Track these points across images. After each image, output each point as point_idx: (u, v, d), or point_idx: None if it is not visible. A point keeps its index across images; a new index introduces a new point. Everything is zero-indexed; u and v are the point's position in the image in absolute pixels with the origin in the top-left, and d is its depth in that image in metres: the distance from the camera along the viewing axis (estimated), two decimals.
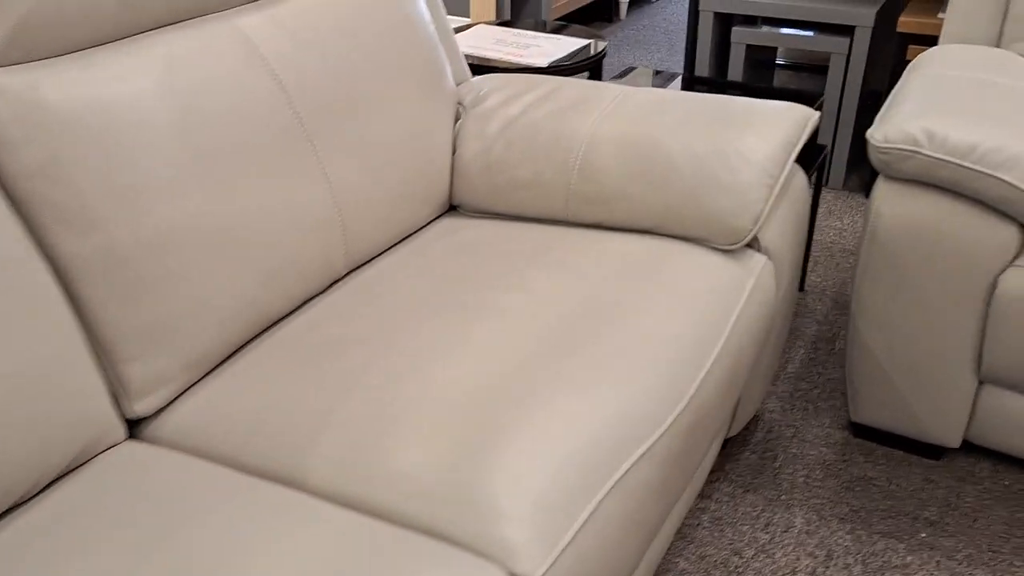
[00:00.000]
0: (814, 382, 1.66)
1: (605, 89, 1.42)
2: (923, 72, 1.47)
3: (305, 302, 1.17)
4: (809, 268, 2.04)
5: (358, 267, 1.25)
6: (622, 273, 1.17)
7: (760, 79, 2.72)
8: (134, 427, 1.01)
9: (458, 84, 1.53)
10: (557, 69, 1.73)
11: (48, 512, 0.85)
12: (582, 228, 1.31)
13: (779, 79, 3.24)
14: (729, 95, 1.37)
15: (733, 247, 1.22)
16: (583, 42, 1.88)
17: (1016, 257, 1.24)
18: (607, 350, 1.02)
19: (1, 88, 0.87)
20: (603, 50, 1.84)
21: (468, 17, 2.31)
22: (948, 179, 1.22)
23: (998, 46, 1.66)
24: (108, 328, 0.94)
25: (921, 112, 1.28)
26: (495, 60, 1.76)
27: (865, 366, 1.41)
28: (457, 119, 1.44)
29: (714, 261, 1.21)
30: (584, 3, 3.76)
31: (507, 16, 3.03)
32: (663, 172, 1.24)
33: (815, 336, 1.80)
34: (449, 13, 2.95)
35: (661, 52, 3.76)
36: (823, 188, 2.45)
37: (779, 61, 3.33)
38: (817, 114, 1.33)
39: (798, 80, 3.25)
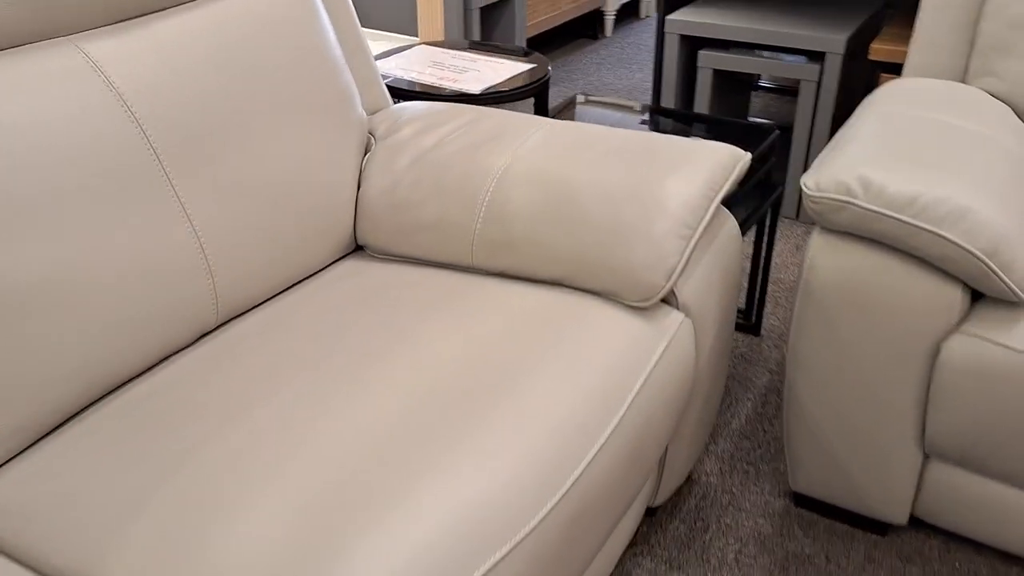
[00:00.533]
0: (758, 440, 1.53)
1: (528, 122, 1.31)
2: (875, 109, 1.35)
3: (167, 357, 1.06)
4: (767, 310, 1.91)
5: (238, 316, 1.14)
6: (519, 332, 1.05)
7: (734, 103, 2.60)
8: None
9: (373, 112, 1.43)
10: (492, 97, 1.62)
11: None
12: (487, 276, 1.19)
13: (758, 103, 3.12)
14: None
15: (645, 304, 1.10)
16: (526, 66, 1.76)
17: (961, 321, 1.12)
18: (484, 424, 0.90)
19: None
20: (546, 76, 1.72)
21: (416, 36, 2.20)
22: (885, 233, 1.10)
23: (963, 81, 1.54)
24: None
25: (861, 157, 1.16)
26: (427, 85, 1.65)
27: (803, 431, 1.29)
28: (368, 151, 1.33)
29: (623, 320, 1.09)
30: (563, 20, 3.66)
31: (476, 35, 2.92)
32: (575, 217, 1.13)
33: (766, 387, 1.67)
34: (393, 31, 2.85)
35: (644, 71, 3.64)
36: (792, 220, 2.33)
37: (761, 82, 3.21)
38: (747, 156, 1.21)
39: (779, 103, 3.13)
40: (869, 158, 1.15)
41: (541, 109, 1.81)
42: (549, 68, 1.75)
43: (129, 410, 0.95)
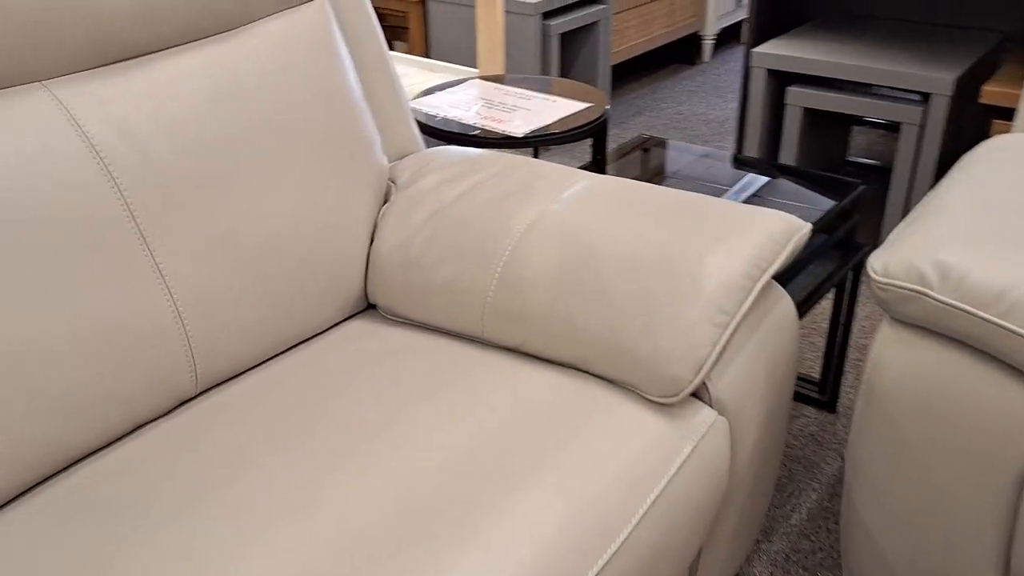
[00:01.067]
0: (820, 541, 1.34)
1: (565, 175, 1.18)
2: (970, 171, 1.16)
3: (139, 427, 0.97)
4: (846, 382, 1.71)
5: (224, 381, 1.05)
6: (521, 425, 0.91)
7: (829, 142, 2.38)
8: None
9: (400, 157, 1.32)
10: (539, 140, 1.49)
11: None
12: (499, 351, 1.06)
13: (862, 139, 2.88)
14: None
15: (670, 400, 0.94)
16: (582, 105, 1.62)
17: None
18: (467, 537, 0.77)
19: None
20: (601, 117, 1.58)
21: (475, 68, 2.09)
22: (965, 332, 0.92)
23: None
24: None
25: (943, 235, 0.97)
26: (469, 126, 1.54)
27: (861, 546, 1.10)
28: (387, 200, 1.23)
29: (643, 417, 0.94)
30: (656, 45, 3.49)
31: (554, 63, 2.79)
32: (596, 292, 0.99)
33: (836, 475, 1.47)
34: (457, 62, 2.74)
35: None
36: None
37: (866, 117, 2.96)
38: (805, 228, 1.04)
39: (887, 141, 2.88)
40: (952, 237, 0.97)
41: (599, 151, 1.67)
42: (607, 108, 1.61)
43: (79, 491, 0.86)
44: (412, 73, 2.01)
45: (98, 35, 0.95)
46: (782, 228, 1.03)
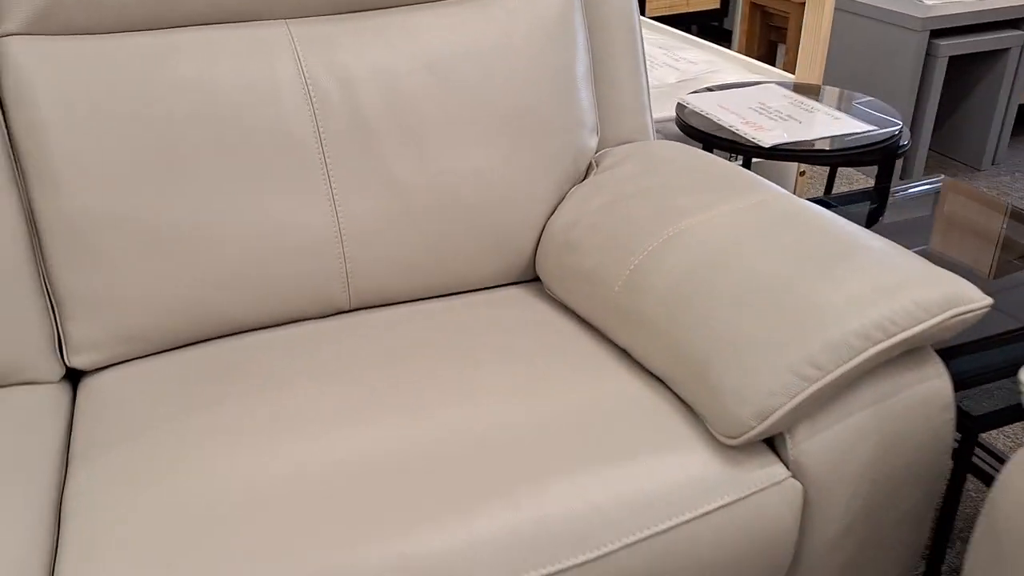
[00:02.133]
0: None
1: (745, 187, 1.11)
2: None
3: (295, 321, 1.15)
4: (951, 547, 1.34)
5: (378, 306, 1.18)
6: (585, 417, 0.91)
7: None
8: (79, 375, 1.11)
9: (624, 143, 1.33)
10: (784, 154, 1.37)
11: None
12: (610, 347, 1.05)
13: None
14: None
15: (730, 441, 0.87)
16: (866, 127, 1.46)
17: None
18: (502, 483, 0.82)
19: (18, 51, 1.01)
20: (868, 144, 1.40)
21: (792, 73, 1.94)
22: None
23: None
24: (58, 283, 1.04)
25: None
26: (727, 128, 1.47)
27: None
28: (581, 181, 1.26)
29: (700, 450, 0.88)
30: None
31: (935, 88, 2.48)
32: (702, 313, 0.93)
33: None
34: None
35: None
36: None
37: None
38: (974, 304, 0.87)
39: None
40: None
41: (881, 180, 1.49)
42: (897, 132, 1.42)
43: (235, 352, 1.06)
44: (727, 69, 1.95)
45: None
46: (940, 295, 0.87)
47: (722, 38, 4.12)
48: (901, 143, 1.45)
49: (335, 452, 0.86)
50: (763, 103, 1.55)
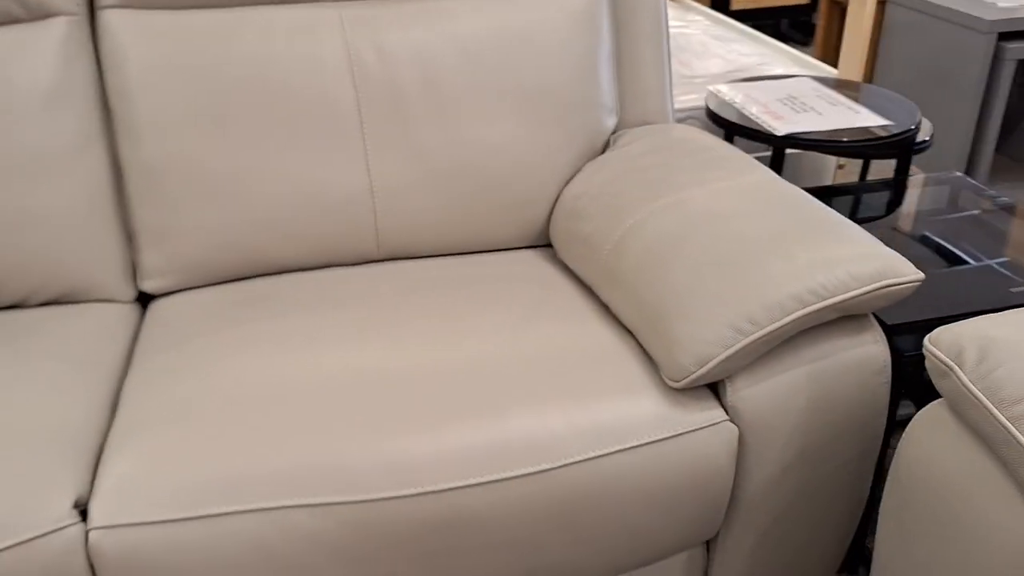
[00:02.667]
0: None
1: (741, 166, 1.22)
2: None
3: (330, 266, 1.32)
4: None
5: (405, 258, 1.34)
6: (554, 358, 1.05)
7: None
8: (149, 298, 1.31)
9: (642, 124, 1.45)
10: (793, 142, 1.45)
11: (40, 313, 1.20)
12: (595, 305, 1.18)
13: None
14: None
15: (673, 384, 0.99)
16: (880, 121, 1.52)
17: None
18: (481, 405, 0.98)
19: (115, 23, 1.21)
20: (880, 138, 1.47)
21: (836, 69, 1.98)
22: (978, 427, 0.80)
23: None
24: (134, 220, 1.25)
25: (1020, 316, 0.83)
26: (747, 117, 1.56)
27: None
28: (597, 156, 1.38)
29: (649, 390, 1.00)
30: None
31: (1002, 93, 2.47)
32: (665, 272, 1.05)
33: None
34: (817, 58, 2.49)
35: None
36: None
37: None
38: (907, 278, 0.96)
39: None
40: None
41: (900, 172, 1.56)
42: (913, 129, 1.49)
43: (271, 287, 1.24)
44: (777, 62, 2.02)
45: None
46: (874, 268, 0.96)
47: (811, 33, 4.11)
48: (918, 140, 1.52)
49: (339, 365, 1.03)
50: (792, 95, 1.63)
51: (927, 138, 1.57)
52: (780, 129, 1.48)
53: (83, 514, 0.89)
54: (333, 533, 0.91)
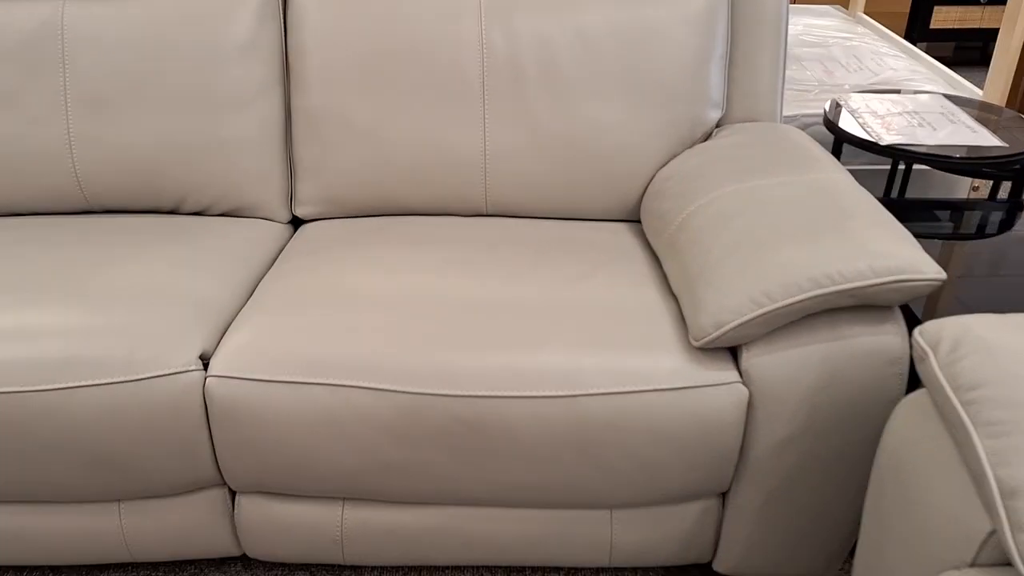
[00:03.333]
0: None
1: (805, 164, 1.31)
2: None
3: (446, 214, 1.53)
4: None
5: (512, 216, 1.53)
6: (601, 310, 1.21)
7: None
8: (300, 222, 1.58)
9: (749, 120, 1.55)
10: (896, 151, 1.48)
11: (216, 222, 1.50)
12: (658, 271, 1.32)
13: None
14: None
15: (694, 342, 1.12)
16: (994, 143, 1.52)
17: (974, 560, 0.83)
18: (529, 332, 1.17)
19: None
20: (1007, 157, 1.47)
21: (980, 90, 1.90)
22: (942, 411, 0.87)
23: None
24: (296, 157, 1.52)
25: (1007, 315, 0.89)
26: (860, 126, 1.60)
27: None
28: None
29: (674, 344, 1.14)
30: None
31: None
32: (708, 247, 1.18)
33: None
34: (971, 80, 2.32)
35: None
36: None
37: None
38: (926, 276, 1.02)
39: None
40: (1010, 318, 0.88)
41: (1015, 193, 1.55)
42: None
43: (393, 229, 1.48)
44: (925, 79, 2.00)
45: None
46: (894, 264, 1.04)
47: None
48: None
49: (424, 288, 1.24)
50: (916, 110, 1.66)
51: None
52: (885, 139, 1.53)
53: (205, 365, 1.15)
54: (387, 415, 1.12)
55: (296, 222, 1.59)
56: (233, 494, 1.26)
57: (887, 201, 1.61)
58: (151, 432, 1.15)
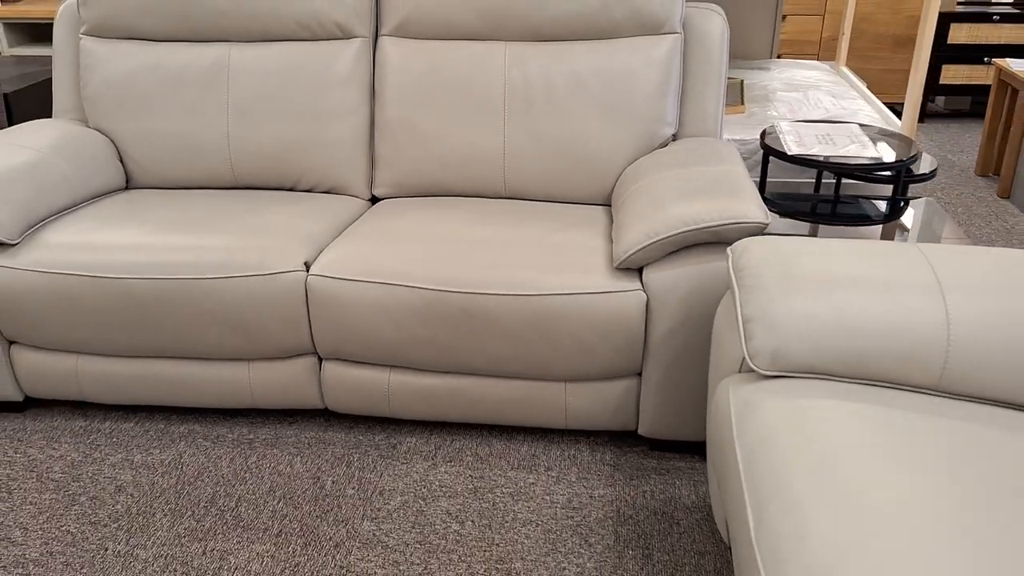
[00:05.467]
0: None
1: (720, 162, 1.91)
2: None
3: (477, 196, 2.19)
4: None
5: (522, 198, 2.18)
6: (549, 248, 1.84)
7: None
8: (375, 200, 2.27)
9: (696, 136, 2.16)
10: (798, 159, 2.05)
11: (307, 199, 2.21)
12: (607, 222, 1.93)
13: None
14: None
15: (615, 264, 1.73)
16: (878, 155, 2.08)
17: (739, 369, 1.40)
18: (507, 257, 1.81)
19: (388, 45, 2.19)
20: (884, 166, 2.02)
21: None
22: (731, 289, 1.46)
23: None
24: (376, 151, 2.22)
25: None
26: (779, 140, 2.20)
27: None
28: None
29: (605, 267, 1.75)
30: None
31: None
32: (632, 208, 1.79)
33: None
34: None
35: None
36: None
37: None
38: (754, 220, 1.61)
39: None
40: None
41: (895, 192, 2.09)
42: (905, 160, 2.01)
43: (438, 206, 2.15)
44: (864, 115, 2.54)
45: (535, 26, 2.14)
46: (732, 212, 1.63)
47: None
48: (907, 172, 2.05)
49: (456, 232, 1.90)
50: (829, 134, 2.23)
51: (927, 171, 2.09)
52: (792, 150, 2.11)
53: (307, 269, 1.83)
54: (416, 305, 1.77)
55: (373, 200, 2.28)
56: (320, 361, 1.92)
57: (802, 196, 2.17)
58: (272, 310, 1.83)
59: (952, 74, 4.13)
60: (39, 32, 4.30)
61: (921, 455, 1.15)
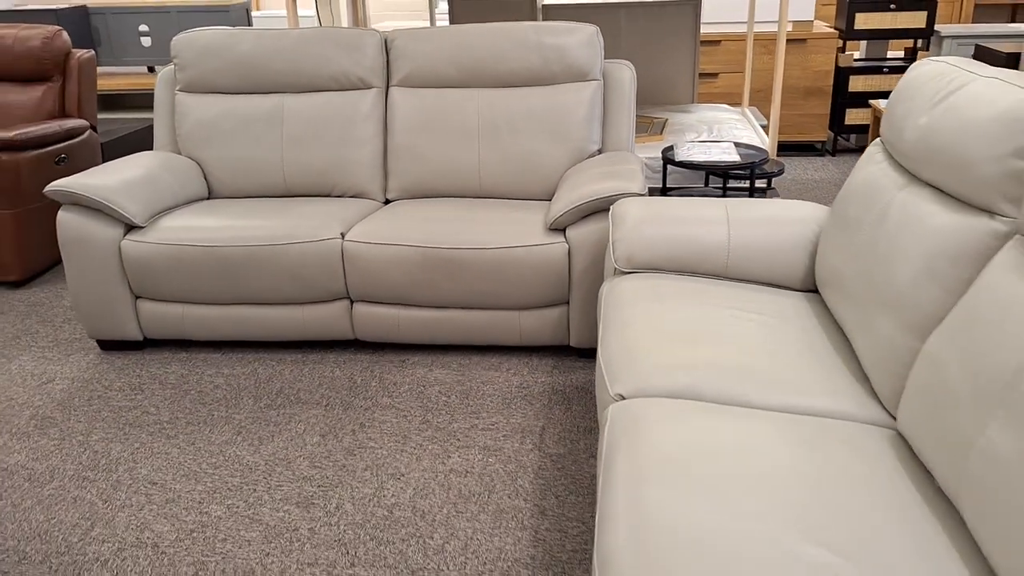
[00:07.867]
0: None
1: (620, 164, 2.80)
2: None
3: (461, 196, 3.08)
4: None
5: (493, 197, 3.07)
6: (505, 223, 2.72)
7: None
8: (387, 201, 3.16)
9: (618, 150, 3.06)
10: (680, 163, 2.94)
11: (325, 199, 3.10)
12: (545, 204, 2.82)
13: None
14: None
15: (548, 226, 2.61)
16: (736, 160, 2.97)
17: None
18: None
19: (396, 94, 3.12)
20: (738, 166, 2.91)
21: None
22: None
23: None
24: (388, 167, 3.12)
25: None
26: (676, 153, 3.09)
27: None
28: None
29: (541, 227, 2.62)
30: None
31: None
32: (563, 191, 2.68)
33: None
34: None
35: None
36: None
37: None
38: (633, 193, 2.50)
39: None
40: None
41: (751, 185, 2.97)
42: (755, 163, 2.89)
43: (436, 204, 3.04)
44: (745, 137, 3.45)
45: (498, 77, 3.07)
46: (623, 187, 2.51)
47: None
48: (758, 170, 2.92)
49: (446, 212, 2.78)
50: (710, 148, 3.12)
51: (776, 171, 2.97)
52: (678, 157, 3.00)
53: (343, 237, 2.71)
54: (416, 259, 2.64)
55: (387, 202, 3.17)
56: (351, 303, 2.78)
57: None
58: (319, 266, 2.70)
59: (854, 116, 5.07)
60: (104, 101, 5.34)
61: (711, 298, 2.01)
